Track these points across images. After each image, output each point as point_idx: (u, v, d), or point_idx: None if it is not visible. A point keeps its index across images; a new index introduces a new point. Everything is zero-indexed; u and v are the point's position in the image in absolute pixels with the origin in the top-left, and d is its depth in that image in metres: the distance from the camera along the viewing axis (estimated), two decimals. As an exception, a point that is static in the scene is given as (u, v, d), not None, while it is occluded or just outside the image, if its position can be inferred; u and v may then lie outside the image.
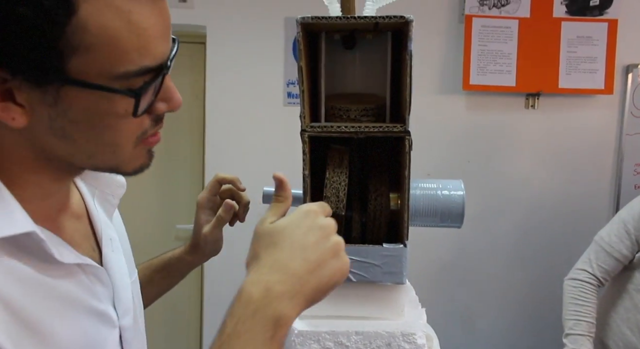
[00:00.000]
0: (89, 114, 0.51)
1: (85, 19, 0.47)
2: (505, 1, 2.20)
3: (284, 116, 2.25)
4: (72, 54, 0.48)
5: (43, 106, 0.50)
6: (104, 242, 0.67)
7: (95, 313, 0.61)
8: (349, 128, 0.68)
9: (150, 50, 0.51)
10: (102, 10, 0.47)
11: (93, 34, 0.47)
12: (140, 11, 0.49)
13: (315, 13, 1.27)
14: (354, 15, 0.67)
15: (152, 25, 0.50)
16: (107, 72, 0.49)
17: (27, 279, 0.53)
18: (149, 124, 0.56)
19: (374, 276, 0.69)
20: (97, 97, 0.50)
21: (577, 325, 1.51)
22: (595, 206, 2.33)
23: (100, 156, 0.56)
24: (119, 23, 0.48)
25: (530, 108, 2.28)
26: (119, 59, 0.49)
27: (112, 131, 0.53)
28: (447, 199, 0.74)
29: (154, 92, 0.54)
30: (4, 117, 0.50)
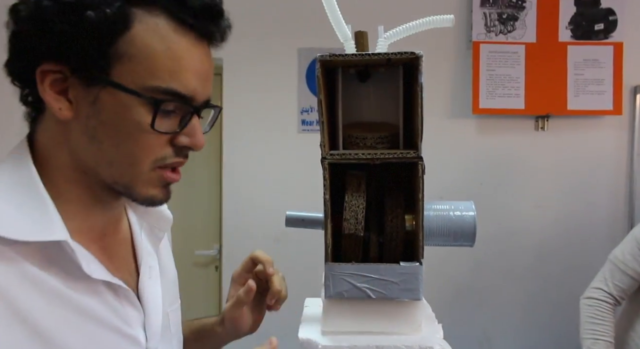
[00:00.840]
0: (116, 118, 0.59)
1: (134, 35, 0.57)
2: (512, 27, 2.27)
3: (299, 143, 2.32)
4: (117, 61, 0.57)
5: (85, 104, 0.59)
6: (143, 269, 0.71)
7: (120, 333, 0.64)
8: (365, 155, 0.74)
9: (181, 78, 0.59)
10: (150, 33, 0.58)
11: (137, 48, 0.57)
12: (180, 44, 0.59)
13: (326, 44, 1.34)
14: (367, 52, 0.73)
15: (188, 59, 0.59)
16: (140, 82, 0.58)
17: (50, 291, 0.58)
18: (169, 152, 0.62)
19: (391, 292, 0.73)
20: (126, 103, 0.58)
21: (595, 344, 1.52)
22: (610, 226, 2.34)
23: (118, 165, 0.61)
24: (160, 46, 0.58)
25: (540, 130, 2.32)
26: (152, 74, 0.58)
27: (132, 140, 0.60)
28: (459, 219, 0.79)
29: (180, 124, 0.61)
30: (54, 105, 0.59)
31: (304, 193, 1.79)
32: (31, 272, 0.57)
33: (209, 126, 0.71)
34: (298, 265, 2.27)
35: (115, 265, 0.67)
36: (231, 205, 2.33)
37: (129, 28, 0.57)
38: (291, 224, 0.85)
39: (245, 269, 0.87)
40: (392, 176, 0.83)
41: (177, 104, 0.60)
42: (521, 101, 2.27)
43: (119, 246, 0.70)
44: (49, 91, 0.58)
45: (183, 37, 0.59)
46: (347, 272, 0.74)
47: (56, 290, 0.58)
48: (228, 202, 2.33)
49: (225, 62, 2.29)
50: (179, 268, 0.83)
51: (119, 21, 0.56)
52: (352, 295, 0.74)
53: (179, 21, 0.59)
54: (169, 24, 0.58)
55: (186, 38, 0.59)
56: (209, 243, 2.51)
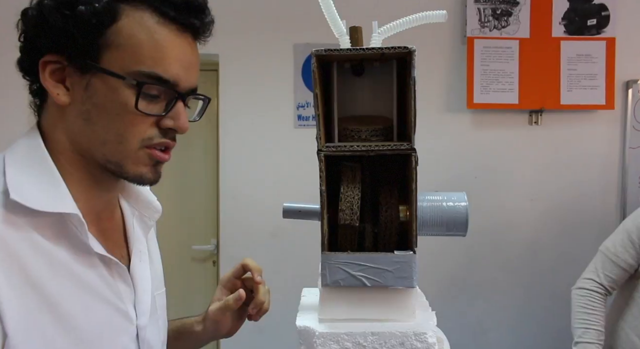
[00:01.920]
0: (106, 100, 0.66)
1: (121, 27, 0.65)
2: (506, 23, 2.29)
3: (296, 138, 2.34)
4: (106, 50, 0.65)
5: (79, 90, 0.66)
6: (134, 252, 0.77)
7: (113, 306, 0.70)
8: (360, 147, 0.76)
9: (163, 64, 0.66)
10: (135, 24, 0.65)
11: (123, 38, 0.65)
12: (162, 34, 0.66)
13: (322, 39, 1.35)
14: (362, 47, 0.75)
15: (170, 48, 0.66)
16: (126, 67, 0.65)
17: (56, 262, 0.64)
18: (155, 132, 0.68)
19: (386, 280, 0.75)
20: (114, 86, 0.65)
21: (585, 333, 1.55)
22: (602, 218, 2.38)
23: (110, 144, 0.67)
24: (144, 36, 0.65)
25: (534, 124, 2.35)
26: (136, 60, 0.65)
27: (120, 120, 0.66)
28: (452, 209, 0.81)
29: (166, 107, 0.68)
30: (53, 91, 0.66)
31: (300, 188, 1.81)
32: (40, 243, 0.63)
33: (199, 116, 0.77)
34: (294, 258, 2.30)
35: (109, 246, 0.72)
36: (228, 200, 2.35)
37: (116, 20, 0.64)
38: (288, 215, 0.87)
39: (235, 274, 0.93)
40: (386, 169, 0.85)
41: (160, 87, 0.66)
42: (515, 96, 2.30)
43: (112, 230, 0.76)
44: (48, 79, 0.66)
45: (165, 28, 0.66)
46: (343, 261, 0.76)
47: (61, 261, 0.64)
48: (225, 197, 2.35)
49: (222, 58, 2.30)
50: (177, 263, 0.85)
51: (107, 14, 0.64)
52: (348, 283, 0.76)
53: (162, 14, 0.65)
54: (153, 17, 0.65)
55: (168, 29, 0.66)
56: (206, 238, 2.52)
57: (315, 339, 0.75)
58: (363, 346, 0.75)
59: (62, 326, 0.63)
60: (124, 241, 0.78)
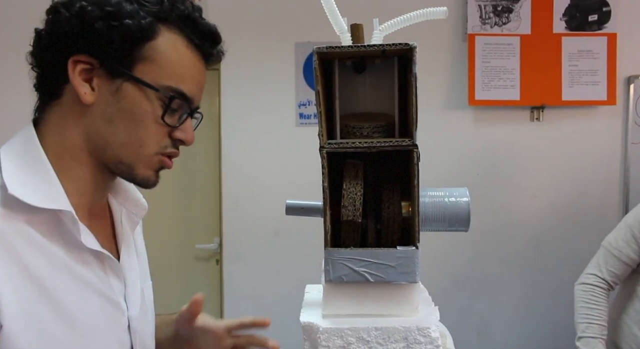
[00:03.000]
0: (134, 107, 0.70)
1: (157, 44, 0.71)
2: (506, 19, 2.29)
3: (297, 136, 2.34)
4: (141, 62, 0.70)
5: (106, 93, 0.70)
6: (123, 247, 0.81)
7: (107, 298, 0.73)
8: (362, 144, 0.76)
9: (186, 82, 0.72)
10: (169, 44, 0.71)
11: (158, 54, 0.71)
12: (189, 57, 0.73)
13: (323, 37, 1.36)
14: (363, 44, 0.76)
15: (192, 70, 0.73)
16: (157, 80, 0.70)
17: (52, 256, 0.67)
18: (168, 142, 0.74)
19: (389, 276, 0.76)
20: (144, 95, 0.70)
21: (589, 328, 1.55)
22: (604, 214, 2.38)
23: (128, 147, 0.71)
24: (174, 56, 0.72)
25: (536, 120, 2.35)
26: (167, 75, 0.71)
27: (143, 127, 0.71)
28: (453, 205, 0.81)
29: (179, 120, 0.73)
30: (80, 89, 0.69)
31: (302, 186, 1.82)
32: (36, 237, 0.66)
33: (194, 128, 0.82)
34: (297, 256, 2.30)
35: (99, 241, 0.74)
36: (231, 199, 2.36)
37: (155, 38, 0.70)
38: (291, 212, 0.88)
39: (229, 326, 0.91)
40: (388, 166, 0.85)
41: (181, 102, 0.72)
42: (516, 92, 2.30)
43: (102, 226, 0.79)
44: (77, 77, 0.69)
45: (191, 52, 0.73)
46: (346, 257, 0.77)
47: (56, 255, 0.67)
48: (228, 196, 2.36)
49: (223, 57, 2.30)
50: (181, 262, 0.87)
51: (149, 31, 0.70)
52: (351, 279, 0.77)
53: (190, 40, 0.73)
54: (183, 41, 0.72)
55: (193, 53, 0.73)
56: (209, 237, 2.53)
57: (319, 334, 0.75)
58: (366, 341, 0.75)
59: (59, 316, 0.66)
60: (112, 236, 0.82)
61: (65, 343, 0.66)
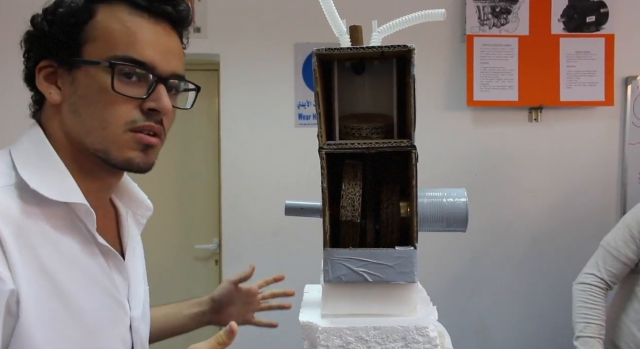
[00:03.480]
0: (88, 90, 0.70)
1: (97, 22, 0.71)
2: (505, 20, 2.30)
3: (296, 137, 2.35)
4: (85, 44, 0.71)
5: (67, 86, 0.71)
6: (128, 248, 0.81)
7: (112, 298, 0.74)
8: (361, 145, 0.77)
9: (136, 47, 0.70)
10: (109, 17, 0.71)
11: (99, 31, 0.71)
12: (136, 23, 0.71)
13: (322, 38, 1.36)
14: (362, 46, 0.76)
15: (142, 33, 0.71)
16: (102, 55, 0.70)
17: (65, 252, 0.67)
18: (138, 115, 0.71)
19: (388, 276, 0.76)
20: (92, 74, 0.70)
21: (587, 328, 1.56)
22: (602, 214, 2.39)
23: (95, 132, 0.71)
24: (117, 25, 0.71)
25: (534, 121, 2.36)
26: (111, 47, 0.70)
27: (101, 105, 0.70)
28: (451, 205, 0.82)
29: (147, 90, 0.71)
30: (46, 91, 0.72)
31: (301, 186, 1.82)
32: (51, 232, 0.67)
33: (191, 105, 0.81)
34: (296, 256, 2.31)
35: (108, 238, 0.75)
36: (230, 199, 2.36)
37: (93, 17, 0.71)
38: (290, 212, 0.88)
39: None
40: (387, 167, 0.86)
41: (135, 68, 0.70)
42: (515, 93, 2.31)
43: (107, 227, 0.79)
44: (42, 82, 0.72)
45: (138, 16, 0.71)
46: (345, 257, 0.77)
47: (69, 250, 0.68)
48: (227, 197, 2.36)
49: (223, 58, 2.31)
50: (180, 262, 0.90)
51: (84, 12, 0.70)
52: (350, 279, 0.77)
53: (135, 6, 0.71)
54: (125, 9, 0.71)
55: (140, 17, 0.71)
56: (208, 237, 2.54)
57: (318, 334, 0.76)
58: (365, 341, 0.76)
59: (70, 312, 0.67)
60: (117, 237, 0.82)
61: (75, 339, 0.67)
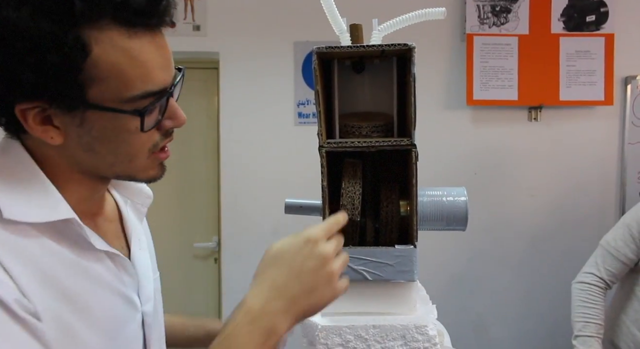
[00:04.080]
0: (107, 131, 0.63)
1: (97, 58, 0.59)
2: (505, 19, 2.30)
3: (296, 135, 2.35)
4: (90, 85, 0.60)
5: (73, 127, 0.62)
6: (133, 240, 0.79)
7: (122, 296, 0.72)
8: (361, 143, 0.77)
9: (151, 78, 0.62)
10: (109, 50, 0.59)
11: (103, 69, 0.59)
12: (140, 48, 0.61)
13: (322, 37, 1.36)
14: (362, 44, 0.76)
15: (151, 58, 0.62)
16: (117, 98, 0.61)
17: (67, 260, 0.65)
18: (158, 137, 0.67)
19: (387, 274, 0.77)
20: (112, 117, 0.62)
21: (586, 327, 1.56)
22: (602, 213, 2.39)
23: (119, 165, 0.67)
24: (123, 59, 0.60)
25: (533, 120, 2.36)
26: (125, 86, 0.61)
27: (126, 144, 0.65)
28: (451, 204, 0.82)
29: (160, 111, 0.65)
30: (45, 137, 0.62)
31: (301, 185, 1.82)
32: (49, 245, 0.64)
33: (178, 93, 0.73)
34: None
35: (107, 239, 0.73)
36: (229, 197, 2.36)
37: (88, 53, 0.58)
38: (290, 211, 0.88)
39: None
40: (387, 166, 0.86)
41: (154, 99, 0.63)
42: (514, 92, 2.31)
43: (108, 223, 0.77)
44: (35, 126, 0.61)
45: (139, 39, 0.60)
46: (344, 255, 0.77)
47: (71, 259, 0.66)
48: (226, 195, 2.36)
49: (222, 56, 2.31)
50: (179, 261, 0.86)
51: (78, 52, 0.57)
52: (350, 277, 0.77)
53: (130, 25, 0.59)
54: (121, 32, 0.59)
55: (142, 39, 0.61)
56: (207, 235, 2.54)
57: (317, 332, 0.76)
58: (365, 339, 0.76)
59: (82, 316, 0.65)
60: (122, 230, 0.80)
61: (91, 343, 0.65)
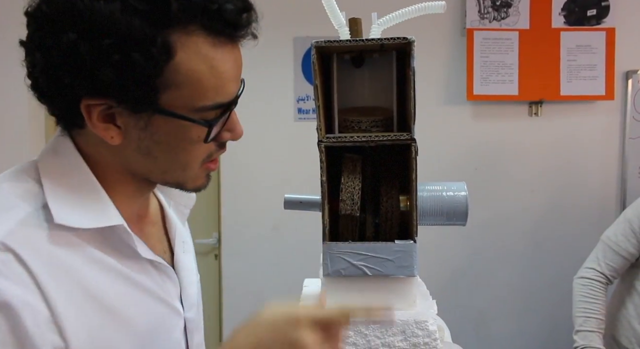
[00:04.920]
0: (170, 138, 0.62)
1: (179, 63, 0.57)
2: (505, 14, 2.29)
3: (296, 131, 2.34)
4: (165, 90, 0.58)
5: (135, 129, 0.61)
6: (177, 244, 0.77)
7: (165, 304, 0.70)
8: (360, 138, 0.76)
9: (225, 90, 0.61)
10: (192, 56, 0.58)
11: (183, 75, 0.58)
12: (221, 58, 0.60)
13: (322, 32, 1.36)
14: (361, 38, 0.75)
15: (228, 69, 0.61)
16: (189, 106, 0.60)
17: (109, 269, 0.63)
18: (214, 148, 0.67)
19: (387, 270, 0.76)
20: (179, 125, 0.61)
21: (586, 322, 1.56)
22: (602, 208, 2.38)
23: (172, 172, 0.66)
24: (204, 67, 0.59)
25: (534, 116, 2.35)
26: (200, 95, 0.60)
27: (186, 152, 0.64)
28: (451, 199, 0.81)
29: (223, 123, 0.64)
30: (105, 135, 0.61)
31: (301, 181, 1.82)
32: (93, 254, 0.62)
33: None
34: (295, 250, 2.31)
35: (150, 243, 0.72)
36: (229, 194, 2.36)
37: (173, 57, 0.57)
38: (289, 206, 0.88)
39: None
40: (387, 161, 0.85)
41: (223, 111, 0.63)
42: (515, 87, 2.30)
43: (152, 225, 0.76)
44: (98, 124, 0.60)
45: (222, 49, 0.60)
46: (344, 251, 0.77)
47: (115, 268, 0.64)
48: (226, 191, 2.36)
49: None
50: None
51: (164, 55, 0.56)
52: (350, 273, 0.77)
53: (216, 34, 0.58)
54: (207, 40, 0.58)
55: (224, 49, 0.60)
56: (208, 232, 2.53)
57: (317, 328, 0.76)
58: (364, 335, 0.76)
59: (122, 328, 0.63)
60: (164, 233, 0.78)
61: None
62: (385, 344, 0.76)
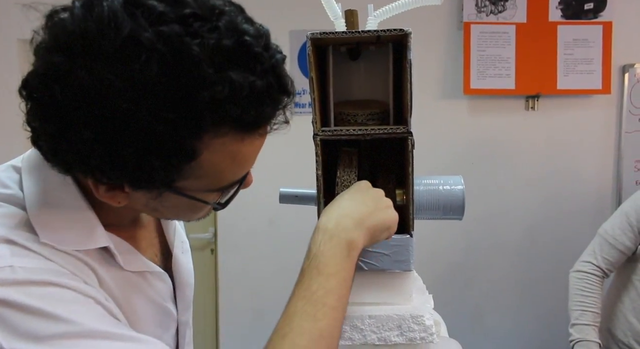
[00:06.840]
0: (180, 206, 0.62)
1: (202, 161, 0.54)
2: (502, 7, 2.28)
3: (292, 125, 2.32)
4: (182, 180, 0.55)
5: (144, 197, 0.58)
6: (176, 244, 0.77)
7: (160, 306, 0.71)
8: (356, 131, 0.75)
9: (243, 170, 0.61)
10: (217, 153, 0.54)
11: (204, 169, 0.55)
12: (246, 150, 0.57)
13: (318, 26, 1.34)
14: (357, 30, 0.74)
15: (251, 157, 0.60)
16: (205, 189, 0.59)
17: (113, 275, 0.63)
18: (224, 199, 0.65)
19: (384, 264, 0.76)
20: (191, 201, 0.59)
21: (582, 315, 1.56)
22: (598, 202, 2.39)
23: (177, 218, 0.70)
24: (226, 161, 0.56)
25: (531, 110, 2.35)
26: (218, 181, 0.59)
27: (195, 212, 0.65)
28: (448, 193, 0.81)
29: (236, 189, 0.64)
30: (111, 201, 0.57)
31: (296, 175, 1.81)
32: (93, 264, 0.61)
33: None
34: (292, 245, 2.30)
35: (142, 246, 0.72)
36: (225, 188, 2.35)
37: (195, 158, 0.52)
38: (285, 200, 0.87)
39: None
40: (383, 154, 0.85)
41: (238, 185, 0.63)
42: (512, 81, 2.29)
43: (145, 228, 0.75)
44: (103, 194, 0.56)
45: (250, 142, 0.56)
46: (340, 245, 0.76)
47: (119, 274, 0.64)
48: (222, 186, 2.35)
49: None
50: None
51: (184, 159, 0.52)
52: (346, 267, 0.76)
53: (246, 129, 0.54)
54: (236, 136, 0.54)
55: (252, 141, 0.57)
56: (204, 226, 2.52)
57: (313, 322, 0.75)
58: (361, 329, 0.75)
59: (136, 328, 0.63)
60: (157, 235, 0.77)
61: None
62: (381, 339, 0.75)
